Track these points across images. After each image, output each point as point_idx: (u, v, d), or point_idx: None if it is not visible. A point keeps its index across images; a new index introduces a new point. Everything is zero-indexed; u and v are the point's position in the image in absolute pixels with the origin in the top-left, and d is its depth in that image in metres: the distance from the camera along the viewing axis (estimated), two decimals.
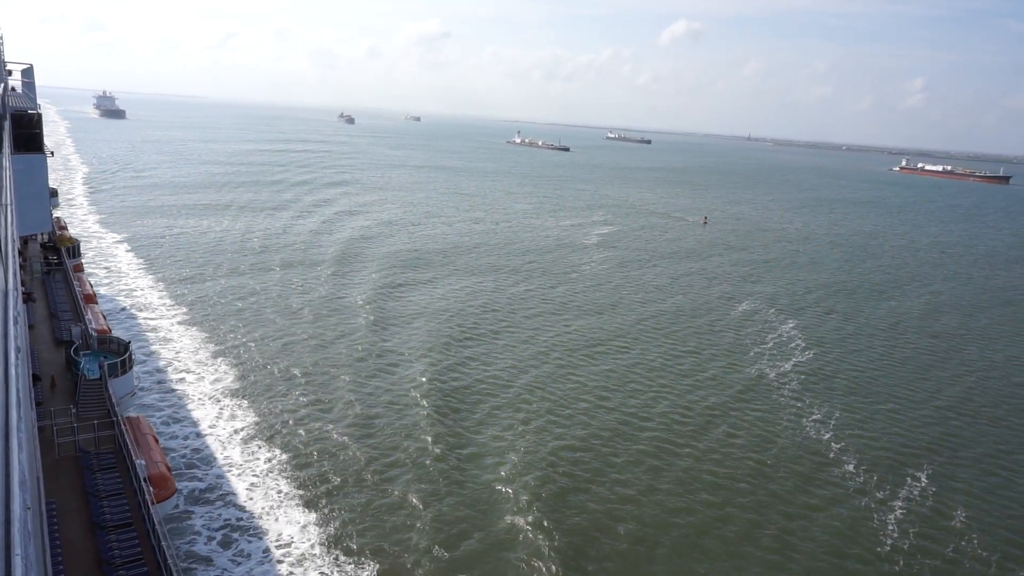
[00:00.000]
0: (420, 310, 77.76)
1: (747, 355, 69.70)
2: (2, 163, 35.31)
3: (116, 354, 40.75)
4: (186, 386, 53.75)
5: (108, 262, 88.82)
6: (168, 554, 23.62)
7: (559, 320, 77.50)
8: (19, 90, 74.21)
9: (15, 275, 23.74)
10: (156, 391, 52.49)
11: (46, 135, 53.89)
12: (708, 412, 55.09)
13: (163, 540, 24.33)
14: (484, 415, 52.01)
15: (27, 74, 78.45)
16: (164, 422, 47.46)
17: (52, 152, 57.79)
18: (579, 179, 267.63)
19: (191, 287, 79.86)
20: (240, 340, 64.02)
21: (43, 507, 22.40)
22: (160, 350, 60.61)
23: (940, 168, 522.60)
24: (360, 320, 72.28)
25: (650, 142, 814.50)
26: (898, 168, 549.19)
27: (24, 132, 48.03)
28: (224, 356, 60.09)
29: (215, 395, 52.45)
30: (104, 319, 51.07)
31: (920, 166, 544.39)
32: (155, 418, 47.47)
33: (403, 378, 57.95)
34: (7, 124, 46.58)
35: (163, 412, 49.04)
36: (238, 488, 40.35)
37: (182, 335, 64.58)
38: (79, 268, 65.83)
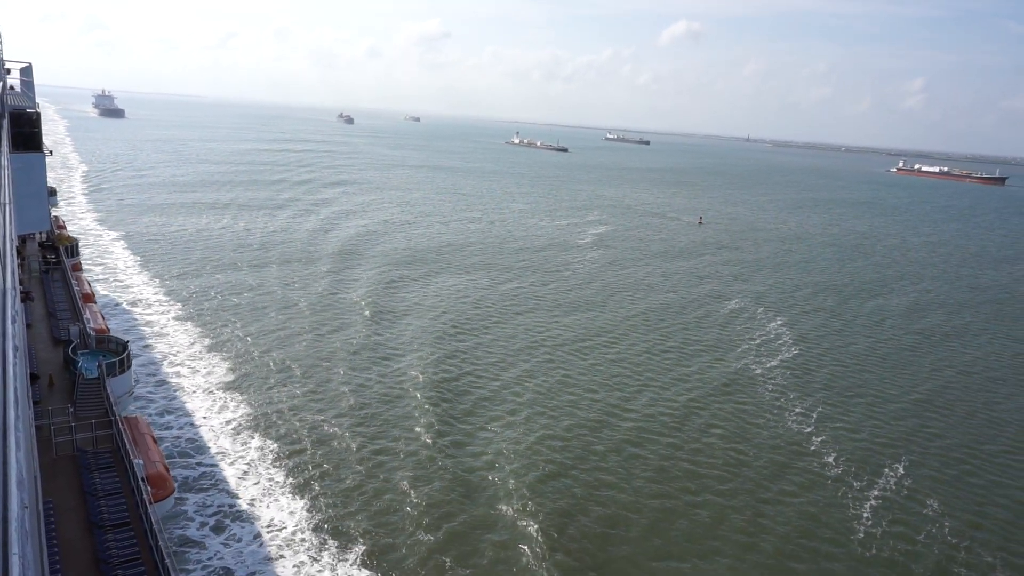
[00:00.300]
0: (413, 306, 78.80)
1: (732, 351, 70.81)
2: (1, 162, 35.28)
3: (114, 353, 40.69)
4: (184, 385, 53.79)
5: (106, 261, 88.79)
6: (165, 553, 23.60)
7: (549, 316, 78.73)
8: (18, 89, 74.10)
9: (13, 274, 23.71)
10: (154, 390, 52.52)
11: (45, 134, 53.88)
12: (691, 404, 56.37)
13: (160, 539, 24.30)
14: (473, 406, 53.40)
15: (26, 73, 78.30)
16: (161, 419, 47.61)
17: (51, 151, 57.74)
18: (576, 179, 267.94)
19: (189, 286, 79.83)
20: (237, 337, 64.20)
21: (40, 506, 22.39)
22: (158, 349, 60.61)
23: (937, 169, 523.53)
24: (355, 315, 73.42)
25: (649, 143, 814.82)
26: (895, 169, 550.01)
27: (23, 131, 47.95)
28: (221, 353, 60.30)
29: (212, 392, 52.82)
30: (102, 318, 51.01)
31: (917, 167, 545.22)
32: (153, 416, 47.60)
33: (394, 370, 59.25)
34: (6, 123, 46.55)
35: (161, 410, 49.10)
36: (231, 476, 41.46)
37: (180, 334, 64.58)
38: (77, 267, 65.73)
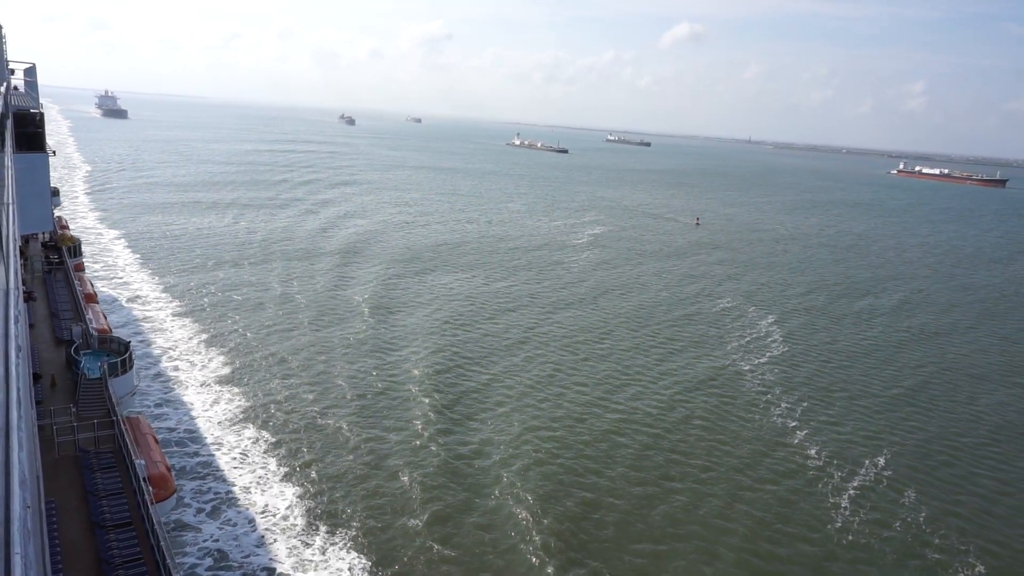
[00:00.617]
0: (409, 303, 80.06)
1: (721, 347, 71.75)
2: (4, 162, 35.31)
3: (116, 353, 40.72)
4: (186, 385, 53.89)
5: (109, 261, 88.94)
6: (167, 554, 23.58)
7: (541, 313, 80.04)
8: (22, 89, 74.27)
9: (16, 274, 23.74)
10: (156, 390, 52.57)
11: (48, 134, 53.94)
12: (677, 398, 57.57)
13: (162, 540, 24.28)
14: (464, 398, 54.74)
15: (29, 73, 78.54)
16: (163, 418, 47.66)
17: (54, 151, 57.80)
18: (576, 181, 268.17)
19: (191, 285, 79.95)
20: (238, 335, 64.47)
21: (42, 506, 22.39)
22: (161, 349, 60.70)
23: (937, 171, 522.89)
24: (353, 311, 74.91)
25: (649, 144, 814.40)
26: (896, 171, 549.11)
27: (26, 131, 48.00)
28: (222, 352, 60.59)
29: (212, 387, 53.31)
30: (105, 318, 51.05)
31: (918, 169, 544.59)
32: (155, 416, 47.64)
33: (389, 363, 61.04)
34: (9, 123, 46.60)
35: (163, 410, 49.15)
36: (227, 464, 42.82)
37: (183, 334, 64.67)
38: (80, 267, 65.80)
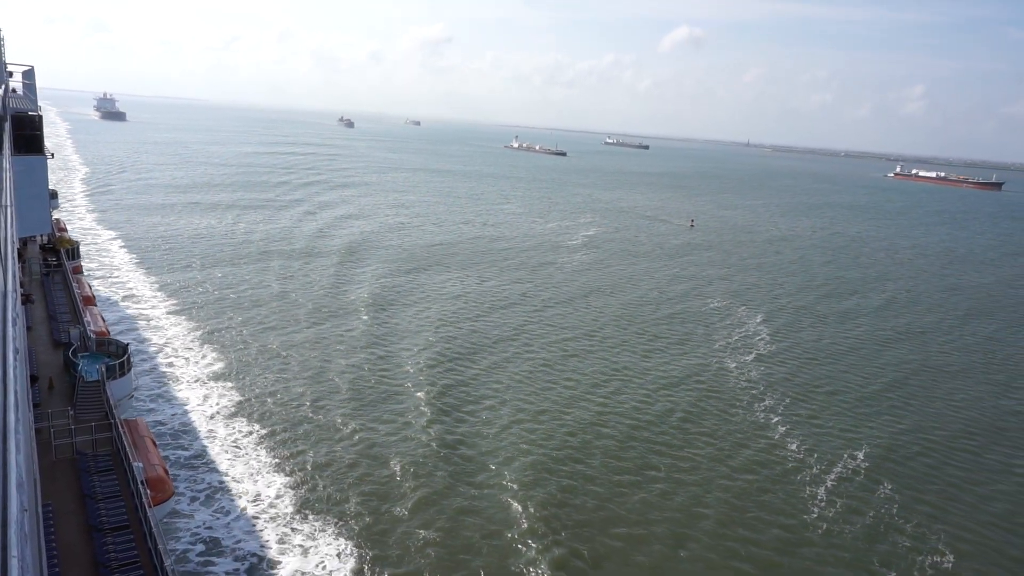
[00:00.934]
0: (403, 301, 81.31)
1: (708, 345, 72.87)
2: (2, 164, 35.29)
3: (115, 356, 40.64)
4: (184, 387, 53.83)
5: (107, 264, 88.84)
6: (165, 557, 23.51)
7: (531, 310, 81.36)
8: (20, 92, 74.24)
9: (14, 276, 23.70)
10: (155, 393, 52.51)
11: (47, 137, 53.95)
12: (661, 393, 59.03)
13: (160, 543, 24.21)
14: (453, 392, 55.96)
15: (28, 76, 78.54)
16: (162, 421, 47.58)
17: (52, 154, 57.78)
18: (573, 183, 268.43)
19: (190, 288, 79.89)
20: (237, 337, 64.50)
21: (40, 509, 22.34)
22: (160, 351, 60.63)
23: (934, 174, 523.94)
24: (348, 311, 76.02)
25: (648, 147, 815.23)
26: (892, 174, 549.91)
27: (25, 134, 47.98)
28: (222, 354, 60.63)
29: (210, 391, 53.35)
30: (103, 321, 50.94)
31: (914, 172, 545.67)
32: (153, 418, 47.57)
33: (380, 359, 62.56)
34: (8, 125, 46.58)
35: (161, 413, 49.03)
36: (221, 456, 43.98)
37: (182, 336, 64.59)
38: (78, 270, 65.68)
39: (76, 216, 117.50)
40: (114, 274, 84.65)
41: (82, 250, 73.12)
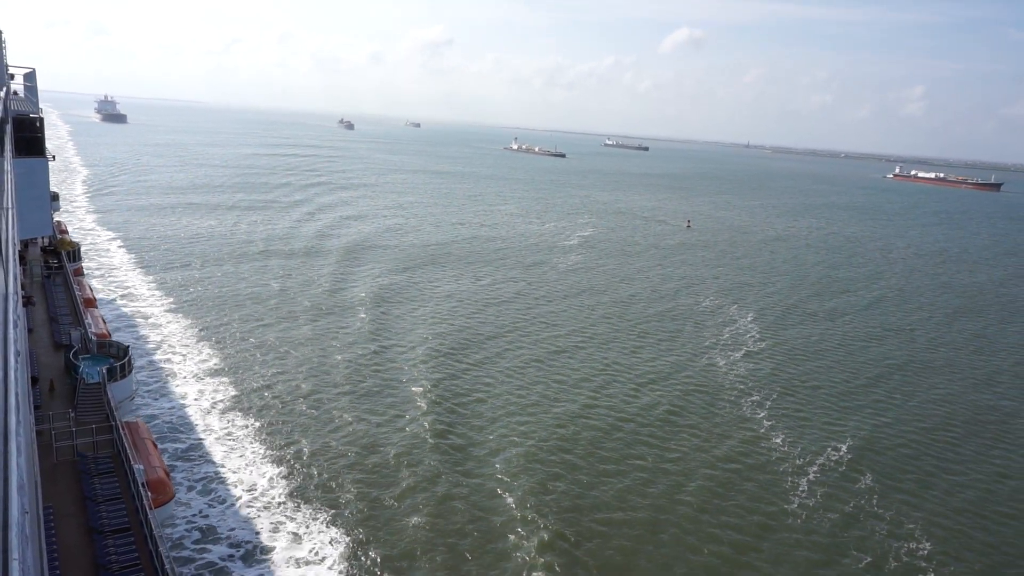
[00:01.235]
0: (398, 301, 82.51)
1: (698, 342, 73.89)
2: (3, 166, 35.31)
3: (116, 358, 40.64)
4: (185, 388, 53.90)
5: (108, 266, 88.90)
6: (166, 560, 23.48)
7: (523, 309, 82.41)
8: (21, 94, 74.30)
9: (15, 279, 23.70)
10: (156, 395, 52.55)
11: (48, 139, 53.96)
12: (650, 388, 60.04)
13: (161, 545, 24.19)
14: (442, 385, 57.14)
15: (29, 78, 78.62)
16: (163, 423, 47.67)
17: (53, 156, 57.87)
18: (571, 184, 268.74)
19: (191, 289, 79.95)
20: (237, 338, 64.64)
21: (40, 511, 22.32)
22: (161, 353, 60.68)
23: (933, 175, 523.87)
24: (345, 310, 77.02)
25: (647, 149, 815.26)
26: (891, 175, 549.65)
27: (26, 136, 47.98)
28: (220, 353, 61.07)
29: (211, 390, 53.85)
30: (104, 323, 50.96)
31: (913, 173, 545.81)
32: (154, 421, 47.56)
33: (374, 355, 63.63)
34: (9, 128, 46.60)
35: (162, 414, 49.09)
36: (218, 450, 44.95)
37: (182, 338, 64.64)
38: (79, 272, 65.69)
39: (77, 218, 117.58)
40: (115, 276, 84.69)
41: (83, 252, 73.14)
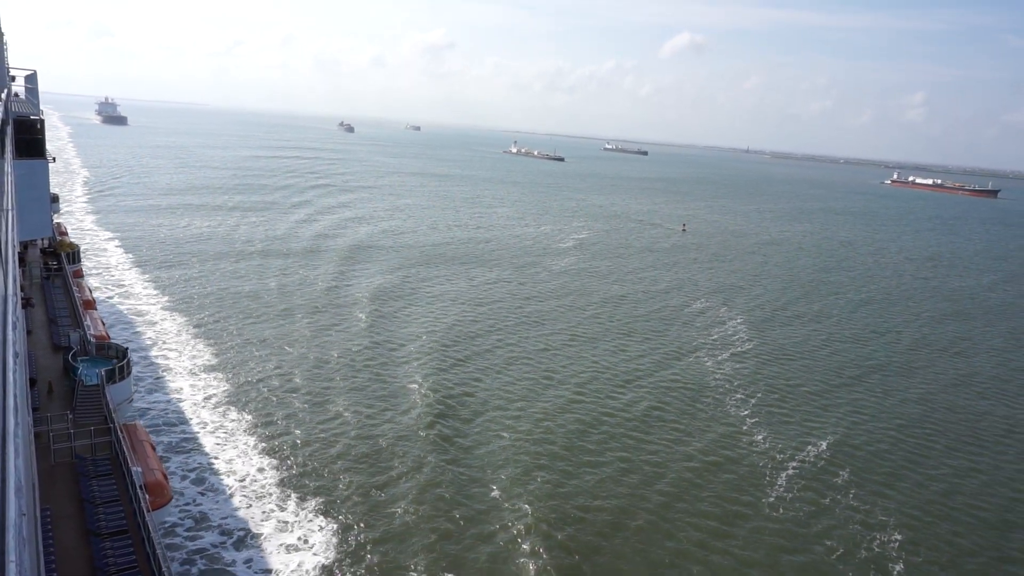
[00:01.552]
0: (394, 299, 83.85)
1: (688, 342, 75.08)
2: (4, 168, 35.34)
3: (114, 360, 40.60)
4: (182, 384, 54.21)
5: (108, 268, 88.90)
6: (163, 563, 23.42)
7: (515, 308, 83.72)
8: (22, 95, 74.39)
9: (15, 280, 23.70)
10: (154, 397, 52.50)
11: (48, 140, 54.05)
12: (637, 385, 61.07)
13: (158, 548, 24.13)
14: (430, 379, 58.68)
15: (30, 80, 78.74)
16: (162, 426, 47.66)
17: (54, 157, 57.93)
18: (570, 188, 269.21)
19: (190, 291, 79.93)
20: (236, 340, 64.70)
21: (38, 513, 22.26)
22: (159, 355, 60.66)
23: (931, 181, 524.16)
24: (343, 309, 78.14)
25: (647, 153, 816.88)
26: (889, 181, 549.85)
27: (26, 137, 48.04)
28: (218, 353, 61.32)
29: (208, 390, 54.20)
30: (103, 325, 50.96)
31: (911, 179, 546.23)
32: (152, 423, 47.52)
33: (369, 351, 65.47)
34: (10, 129, 46.65)
35: (161, 417, 49.07)
36: (212, 443, 46.06)
37: (181, 340, 64.62)
38: (79, 274, 65.67)
39: (77, 220, 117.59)
40: (115, 278, 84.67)
41: (83, 253, 73.13)
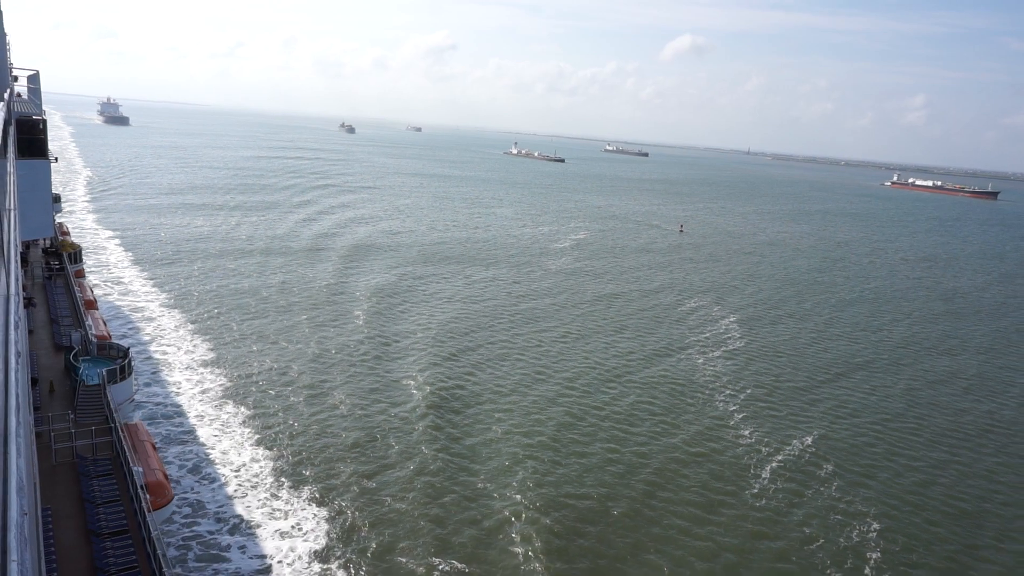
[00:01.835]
0: (390, 298, 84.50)
1: (680, 340, 75.89)
2: (6, 168, 35.41)
3: (116, 360, 40.63)
4: (185, 391, 53.90)
5: (110, 267, 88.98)
6: (164, 563, 23.43)
7: (510, 307, 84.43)
8: (25, 96, 74.56)
9: (17, 280, 23.75)
10: (156, 397, 52.52)
11: (50, 141, 54.17)
12: (629, 381, 61.92)
13: (159, 548, 24.14)
14: (424, 372, 59.97)
15: (33, 80, 78.97)
16: (163, 427, 47.61)
17: (56, 158, 58.01)
18: (569, 189, 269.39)
19: (192, 292, 79.96)
20: (239, 343, 64.55)
21: (39, 513, 22.30)
22: (161, 355, 60.67)
23: (931, 183, 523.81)
24: (342, 309, 78.72)
25: (647, 155, 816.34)
26: (889, 183, 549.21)
27: (28, 137, 48.13)
28: (218, 349, 61.97)
29: (208, 384, 55.03)
30: (104, 325, 50.99)
31: (911, 181, 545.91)
32: (154, 423, 47.54)
33: (362, 343, 67.25)
34: (12, 129, 46.73)
35: (162, 417, 49.08)
36: (209, 435, 46.77)
37: (182, 341, 64.61)
38: (80, 274, 65.74)
39: (79, 219, 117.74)
40: (117, 277, 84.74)
41: (84, 253, 73.23)
